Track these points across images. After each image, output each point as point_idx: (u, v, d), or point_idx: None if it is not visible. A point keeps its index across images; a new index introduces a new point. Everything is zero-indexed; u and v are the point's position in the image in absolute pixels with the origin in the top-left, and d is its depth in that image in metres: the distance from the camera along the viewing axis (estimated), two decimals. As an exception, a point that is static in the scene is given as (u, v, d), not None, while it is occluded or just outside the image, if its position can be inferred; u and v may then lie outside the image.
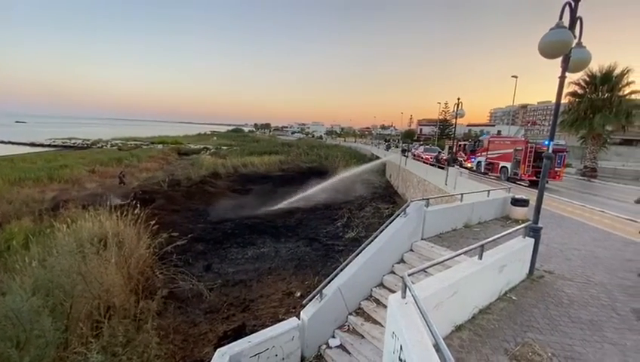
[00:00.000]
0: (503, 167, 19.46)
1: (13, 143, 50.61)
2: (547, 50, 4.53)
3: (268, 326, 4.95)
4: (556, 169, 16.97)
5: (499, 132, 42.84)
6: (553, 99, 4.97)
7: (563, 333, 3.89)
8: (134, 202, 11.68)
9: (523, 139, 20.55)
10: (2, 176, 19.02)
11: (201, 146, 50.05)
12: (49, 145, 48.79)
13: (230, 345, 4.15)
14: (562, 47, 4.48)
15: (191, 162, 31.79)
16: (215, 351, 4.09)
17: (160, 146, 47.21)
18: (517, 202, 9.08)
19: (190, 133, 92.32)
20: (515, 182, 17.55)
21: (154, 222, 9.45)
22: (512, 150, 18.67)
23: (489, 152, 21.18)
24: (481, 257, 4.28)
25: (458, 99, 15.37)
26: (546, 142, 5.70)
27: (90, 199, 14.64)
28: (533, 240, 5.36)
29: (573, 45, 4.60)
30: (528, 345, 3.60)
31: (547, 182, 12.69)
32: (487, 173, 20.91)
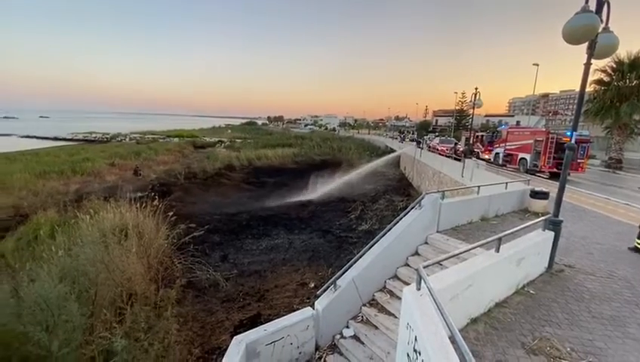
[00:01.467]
0: (522, 158, 18.91)
1: (37, 138, 52.71)
2: (572, 36, 4.33)
3: (282, 315, 5.03)
4: (579, 160, 16.36)
5: (518, 122, 41.39)
6: (577, 88, 4.77)
7: (583, 328, 3.80)
8: (153, 194, 12.01)
9: (544, 129, 19.84)
10: (29, 169, 19.90)
11: (216, 139, 50.71)
12: (71, 140, 50.55)
13: (247, 332, 4.26)
14: (588, 33, 4.27)
15: (206, 155, 32.29)
16: (232, 338, 4.21)
17: (176, 140, 48.12)
18: (536, 194, 8.83)
19: (205, 127, 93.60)
20: (534, 174, 17.04)
21: (172, 213, 9.70)
22: (531, 141, 18.08)
23: (507, 143, 20.59)
24: (498, 250, 4.21)
25: (476, 88, 14.96)
26: (569, 133, 5.50)
27: (111, 191, 15.13)
28: (552, 233, 5.21)
29: (600, 30, 4.38)
30: (546, 339, 3.54)
31: (569, 174, 12.29)
32: (505, 165, 20.38)
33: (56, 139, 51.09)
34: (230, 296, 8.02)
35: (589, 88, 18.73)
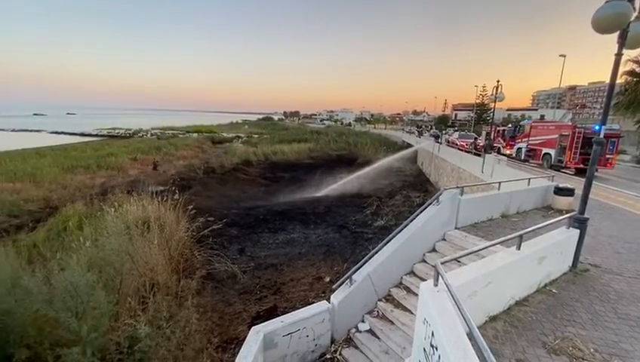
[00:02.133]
0: (545, 153, 18.24)
1: (65, 133, 55.04)
2: (602, 25, 4.13)
3: (298, 308, 5.11)
4: (607, 156, 15.63)
5: (542, 116, 39.81)
6: (607, 80, 4.55)
7: (608, 329, 3.68)
8: (173, 188, 12.35)
9: (570, 123, 19.02)
10: (57, 163, 20.87)
11: (234, 135, 51.39)
12: (96, 135, 52.46)
13: (264, 323, 4.36)
14: (619, 21, 4.06)
15: (224, 150, 32.82)
16: (249, 329, 4.32)
17: (195, 135, 49.10)
18: (561, 191, 8.52)
19: (223, 122, 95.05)
20: (559, 170, 16.42)
21: (191, 207, 9.96)
22: (556, 135, 17.39)
23: (530, 138, 19.90)
24: (519, 247, 4.11)
25: (497, 81, 14.50)
26: (597, 127, 5.26)
27: (134, 185, 15.66)
28: (578, 231, 5.03)
29: (632, 18, 4.15)
30: (569, 339, 3.45)
31: (596, 170, 11.77)
32: (527, 161, 19.72)
33: (82, 134, 53.17)
34: (247, 288, 8.18)
35: (619, 80, 17.78)
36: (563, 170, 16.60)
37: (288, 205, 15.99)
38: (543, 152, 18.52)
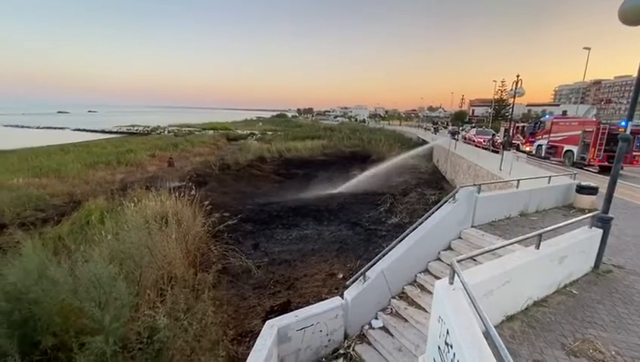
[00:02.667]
0: (567, 150, 17.62)
1: (87, 131, 56.99)
2: (629, 17, 3.95)
3: (311, 304, 5.16)
4: (634, 153, 14.95)
5: (564, 112, 38.39)
6: (634, 73, 4.35)
7: (631, 332, 3.55)
8: (189, 184, 12.62)
9: (594, 119, 18.29)
10: (80, 160, 21.65)
11: (248, 132, 51.94)
12: (116, 132, 54.10)
13: (278, 317, 4.43)
14: (650, 11, 3.87)
15: (239, 147, 33.23)
16: (263, 323, 4.40)
17: (211, 132, 49.90)
18: (583, 189, 8.23)
19: (238, 119, 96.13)
20: (582, 168, 15.83)
21: (207, 202, 10.16)
22: (579, 132, 16.76)
23: (552, 135, 19.25)
24: (538, 246, 4.01)
25: (517, 76, 14.09)
26: (623, 123, 5.05)
27: (152, 181, 16.09)
28: (601, 231, 4.86)
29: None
30: (589, 341, 3.35)
31: (622, 168, 11.28)
32: (548, 158, 19.10)
33: (103, 131, 54.97)
34: (261, 283, 8.30)
35: (649, 73, 16.87)
36: (586, 168, 16.00)
37: (301, 202, 16.07)
38: (564, 149, 17.89)
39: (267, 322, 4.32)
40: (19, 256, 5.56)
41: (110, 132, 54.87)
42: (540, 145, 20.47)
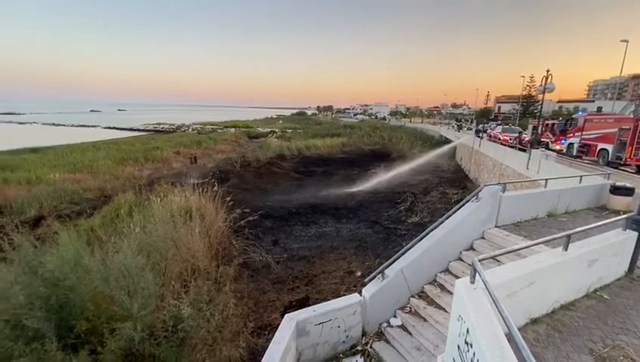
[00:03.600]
0: (602, 149, 16.69)
1: (117, 128, 59.63)
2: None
3: (329, 300, 5.20)
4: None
5: (599, 109, 36.28)
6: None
7: (669, 341, 3.35)
8: (212, 180, 12.97)
9: (632, 116, 17.21)
10: (111, 156, 22.72)
11: (268, 130, 52.63)
12: (144, 130, 56.29)
13: (297, 311, 4.51)
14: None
15: (259, 145, 33.74)
16: (282, 317, 4.48)
17: (232, 130, 50.97)
18: (618, 190, 7.78)
19: (258, 118, 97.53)
20: (617, 168, 14.96)
21: (229, 198, 10.41)
22: (615, 130, 15.82)
23: (584, 132, 18.29)
24: (566, 248, 3.84)
25: (547, 71, 13.48)
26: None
27: (177, 177, 16.65)
28: (636, 233, 4.59)
29: None
30: (620, 348, 3.19)
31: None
32: (580, 157, 18.17)
33: (131, 129, 57.35)
34: (280, 278, 8.44)
35: (696, 66, 15.67)
36: (622, 168, 15.10)
37: (320, 199, 16.14)
38: (598, 148, 16.96)
39: (286, 315, 4.40)
40: (56, 245, 5.93)
41: (138, 130, 57.19)
42: (571, 144, 19.51)
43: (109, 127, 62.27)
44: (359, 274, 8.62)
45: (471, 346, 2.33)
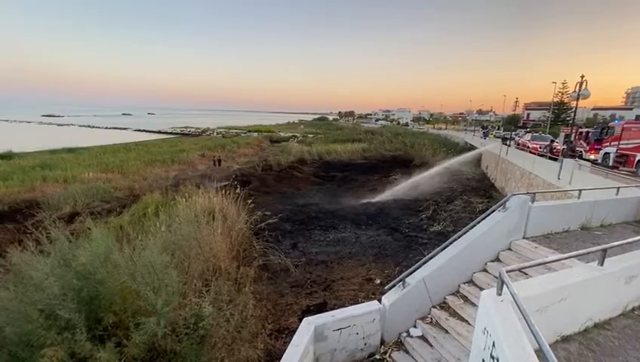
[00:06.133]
0: (641, 160, 15.67)
1: (146, 131, 62.32)
2: None
3: (347, 306, 5.15)
4: None
5: (638, 117, 34.16)
6: None
7: None
8: (235, 183, 13.26)
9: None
10: (140, 158, 23.74)
11: (290, 134, 53.27)
12: (171, 133, 58.49)
13: (316, 316, 4.50)
14: None
15: (281, 149, 34.17)
16: (299, 321, 4.48)
17: (255, 134, 52.04)
18: (660, 203, 7.28)
19: (281, 122, 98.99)
20: (658, 180, 13.97)
21: (250, 201, 10.60)
22: (657, 139, 14.84)
23: (622, 141, 17.24)
24: (602, 263, 3.63)
25: (582, 76, 12.85)
26: None
27: (201, 179, 17.15)
28: (681, 250, 4.27)
29: None
30: (663, 373, 2.96)
31: None
32: (617, 167, 17.12)
33: (160, 132, 59.80)
34: (299, 282, 8.45)
35: None
36: (664, 180, 14.10)
37: (340, 204, 16.09)
38: (637, 158, 15.94)
39: (305, 319, 4.40)
40: (89, 241, 6.24)
41: (166, 132, 59.53)
42: (607, 153, 18.44)
43: (139, 130, 65.15)
44: (378, 281, 8.49)
45: (497, 360, 2.24)
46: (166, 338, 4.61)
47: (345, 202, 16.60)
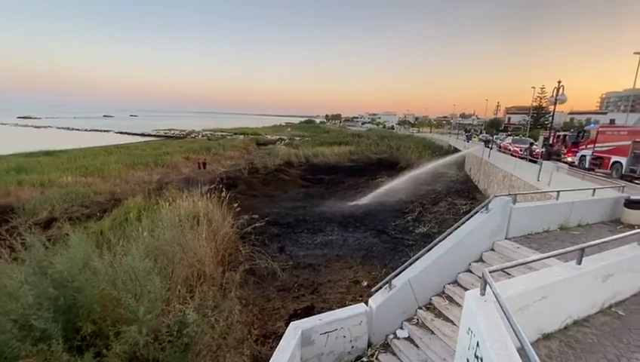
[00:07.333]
0: (615, 162, 16.35)
1: (129, 134, 60.76)
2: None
3: (335, 309, 5.13)
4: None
5: (612, 121, 35.73)
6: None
7: (689, 362, 3.21)
8: (220, 186, 13.06)
9: (647, 128, 16.90)
10: (121, 161, 23.09)
11: (277, 137, 52.97)
12: (155, 136, 57.22)
13: (302, 320, 4.46)
14: None
15: (267, 152, 33.95)
16: (286, 325, 4.43)
17: (241, 137, 51.50)
18: (633, 203, 7.59)
19: (267, 125, 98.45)
20: (631, 181, 14.61)
21: (236, 204, 10.45)
22: (629, 142, 15.52)
23: (597, 145, 17.97)
24: (580, 262, 3.75)
25: (559, 82, 13.35)
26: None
27: (185, 182, 16.84)
28: (653, 248, 4.46)
29: None
30: (638, 368, 3.07)
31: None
32: (592, 169, 17.82)
33: (142, 135, 58.38)
34: (286, 286, 8.38)
35: None
36: (636, 181, 14.75)
37: (327, 207, 16.10)
38: (612, 160, 16.64)
39: (292, 323, 4.35)
40: (66, 247, 6.00)
41: (149, 135, 58.18)
42: (583, 156, 19.19)
43: (121, 132, 63.49)
44: (365, 283, 8.51)
45: (481, 360, 2.27)
46: (148, 347, 4.46)
47: (332, 205, 16.62)
